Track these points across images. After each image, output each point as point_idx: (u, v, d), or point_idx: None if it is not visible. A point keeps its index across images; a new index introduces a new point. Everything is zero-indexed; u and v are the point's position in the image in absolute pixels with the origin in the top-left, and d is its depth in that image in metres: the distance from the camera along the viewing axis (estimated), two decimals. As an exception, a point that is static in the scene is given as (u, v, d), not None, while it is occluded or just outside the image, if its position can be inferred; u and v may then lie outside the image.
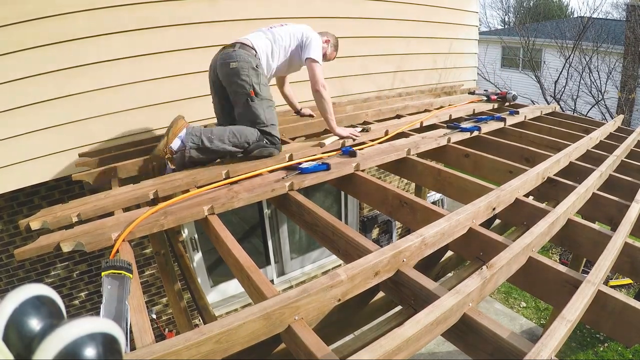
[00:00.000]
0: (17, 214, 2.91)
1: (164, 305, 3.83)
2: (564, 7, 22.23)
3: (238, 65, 2.02)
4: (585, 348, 4.15)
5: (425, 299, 1.11)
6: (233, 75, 2.04)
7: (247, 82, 2.03)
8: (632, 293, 4.93)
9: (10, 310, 0.35)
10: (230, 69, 2.03)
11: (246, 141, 2.02)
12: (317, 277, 2.76)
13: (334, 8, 3.41)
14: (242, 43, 2.13)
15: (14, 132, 2.32)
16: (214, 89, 2.22)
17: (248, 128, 2.04)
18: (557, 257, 5.65)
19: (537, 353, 0.89)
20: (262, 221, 4.32)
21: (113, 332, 0.37)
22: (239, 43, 2.13)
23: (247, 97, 2.04)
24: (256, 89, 2.05)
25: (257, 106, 2.06)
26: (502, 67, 12.96)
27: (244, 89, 2.04)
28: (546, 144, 2.69)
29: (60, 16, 2.28)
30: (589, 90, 8.46)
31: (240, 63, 2.03)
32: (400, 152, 2.20)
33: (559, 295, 1.25)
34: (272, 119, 2.10)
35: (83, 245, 1.35)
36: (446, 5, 4.20)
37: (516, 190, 1.76)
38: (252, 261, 1.30)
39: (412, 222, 1.68)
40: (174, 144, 1.88)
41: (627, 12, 10.12)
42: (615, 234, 1.47)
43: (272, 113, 2.13)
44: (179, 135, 1.89)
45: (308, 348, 0.94)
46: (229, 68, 2.03)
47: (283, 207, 1.86)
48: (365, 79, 3.81)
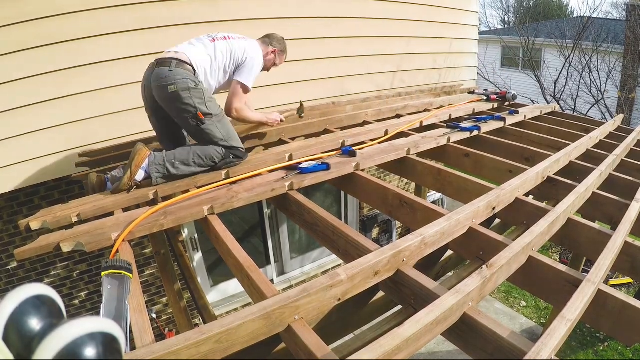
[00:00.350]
0: (17, 214, 2.91)
1: (164, 305, 3.83)
2: (563, 7, 22.24)
3: (177, 88, 1.80)
4: (586, 347, 4.15)
5: (425, 299, 1.11)
6: (173, 101, 1.84)
7: (190, 105, 1.83)
8: (632, 292, 4.93)
9: (10, 310, 0.35)
10: (169, 93, 1.82)
11: (212, 160, 1.91)
12: (317, 276, 2.76)
13: (334, 8, 3.41)
14: (178, 60, 1.89)
15: (14, 132, 2.33)
16: (151, 109, 2.01)
17: (211, 147, 1.91)
18: (557, 256, 5.65)
19: (537, 352, 0.89)
20: (262, 221, 4.32)
21: (113, 332, 0.37)
22: (175, 60, 1.88)
23: (196, 122, 1.87)
24: (202, 109, 1.85)
25: (210, 127, 1.89)
26: (502, 67, 12.95)
27: (189, 113, 1.85)
28: (546, 144, 2.69)
29: (60, 16, 2.28)
30: (589, 89, 8.46)
31: (180, 85, 1.81)
32: (400, 152, 2.20)
33: (559, 295, 1.25)
34: (229, 133, 1.95)
35: (83, 245, 1.35)
36: (446, 5, 4.20)
37: (516, 190, 1.76)
38: (252, 261, 1.30)
39: (412, 222, 1.68)
40: (138, 176, 1.76)
41: (627, 11, 10.12)
42: (615, 233, 1.47)
43: (227, 126, 1.97)
44: (142, 166, 1.76)
45: (308, 348, 0.94)
46: (168, 92, 1.82)
47: (283, 207, 1.86)
48: (365, 79, 3.81)
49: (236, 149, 1.98)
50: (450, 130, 2.64)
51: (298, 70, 3.28)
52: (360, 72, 3.74)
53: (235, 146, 1.97)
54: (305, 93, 3.41)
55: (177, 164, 1.82)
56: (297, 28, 3.20)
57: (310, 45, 3.34)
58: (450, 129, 2.66)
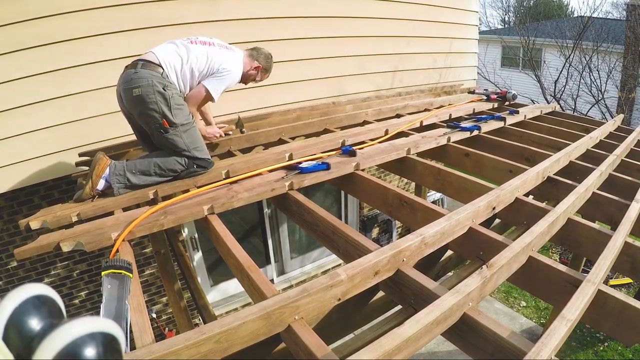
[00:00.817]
0: (17, 213, 2.91)
1: (164, 304, 3.83)
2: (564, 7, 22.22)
3: (142, 91, 1.73)
4: (585, 347, 4.15)
5: (425, 299, 1.11)
6: (139, 105, 1.77)
7: (155, 111, 1.76)
8: (632, 292, 4.93)
9: (10, 309, 0.35)
10: (133, 97, 1.75)
11: (173, 172, 1.86)
12: (317, 276, 2.76)
13: (335, 8, 3.41)
14: (145, 60, 1.81)
15: (14, 132, 2.32)
16: (127, 116, 1.97)
17: (172, 157, 1.86)
18: (557, 256, 5.65)
19: (537, 352, 0.89)
20: (262, 221, 4.32)
21: (113, 332, 0.36)
22: (141, 61, 1.80)
23: (160, 129, 1.81)
24: (168, 117, 1.78)
25: (174, 136, 1.83)
26: (502, 67, 12.96)
27: (154, 119, 1.79)
28: (546, 144, 2.69)
29: (60, 15, 2.28)
30: (589, 89, 8.46)
31: (144, 88, 1.73)
32: (400, 152, 2.20)
33: (559, 295, 1.25)
34: (194, 142, 1.89)
35: (83, 244, 1.35)
36: (447, 4, 4.20)
37: (516, 190, 1.76)
38: (252, 261, 1.30)
39: (412, 222, 1.68)
40: (99, 186, 1.74)
41: (627, 11, 10.12)
42: (615, 234, 1.47)
43: (193, 135, 1.90)
44: (103, 176, 1.74)
45: (308, 348, 0.94)
46: (132, 96, 1.75)
47: (283, 207, 1.86)
48: (365, 79, 3.81)
49: (200, 159, 1.92)
50: (450, 130, 2.64)
51: (298, 70, 3.28)
52: (360, 72, 3.74)
53: (198, 157, 1.91)
54: (305, 93, 3.41)
55: (137, 174, 1.78)
56: (297, 27, 3.20)
57: (310, 45, 3.34)
58: (450, 129, 2.66)
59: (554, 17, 15.88)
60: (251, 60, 2.16)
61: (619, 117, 3.73)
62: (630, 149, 2.79)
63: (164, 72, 1.83)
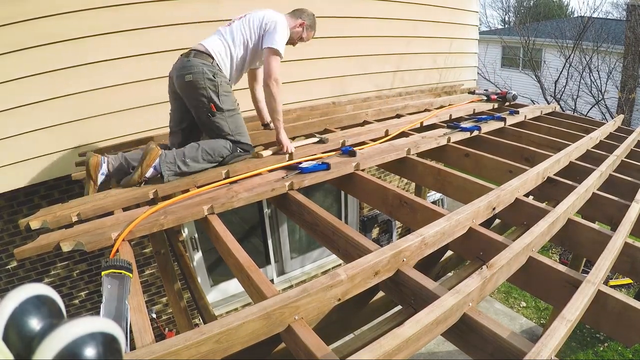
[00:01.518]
0: (17, 213, 2.91)
1: (164, 304, 3.82)
2: (564, 7, 22.21)
3: (193, 77, 1.90)
4: (585, 348, 4.15)
5: (425, 299, 1.11)
6: (189, 89, 1.93)
7: (204, 96, 1.92)
8: (632, 293, 4.93)
9: (10, 309, 0.35)
10: (185, 82, 1.91)
11: (220, 155, 1.97)
12: (317, 276, 2.76)
13: (335, 8, 3.40)
14: (196, 50, 1.97)
15: (14, 132, 2.32)
16: (173, 99, 2.10)
17: (219, 141, 1.98)
18: (557, 257, 5.65)
19: (537, 353, 0.89)
20: (262, 221, 4.32)
21: (113, 332, 0.36)
22: (193, 50, 1.98)
23: (207, 113, 1.96)
24: (216, 102, 1.94)
25: (220, 119, 1.97)
26: (502, 67, 12.95)
27: (203, 104, 1.94)
28: (546, 144, 2.69)
29: (59, 15, 2.27)
30: (589, 90, 8.45)
31: (195, 75, 1.90)
32: (400, 152, 2.20)
33: (559, 295, 1.25)
34: (238, 128, 2.03)
35: (83, 244, 1.35)
36: (447, 4, 4.20)
37: (516, 190, 1.76)
38: (252, 261, 1.30)
39: (412, 222, 1.68)
40: (148, 174, 1.82)
41: (627, 11, 10.11)
42: (615, 234, 1.47)
43: (237, 121, 2.04)
44: (153, 165, 1.83)
45: (308, 348, 0.94)
46: (184, 81, 1.92)
47: (283, 207, 1.86)
48: (365, 79, 3.81)
49: (243, 143, 2.05)
50: (451, 130, 2.64)
51: (298, 70, 3.28)
52: (360, 72, 3.74)
53: (242, 141, 2.04)
54: (305, 93, 3.41)
55: (187, 161, 1.88)
56: (297, 28, 3.19)
57: (310, 45, 3.33)
58: (451, 129, 2.66)
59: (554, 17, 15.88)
60: (294, 19, 2.21)
61: (619, 117, 3.73)
62: (631, 149, 2.79)
63: (213, 60, 1.98)
